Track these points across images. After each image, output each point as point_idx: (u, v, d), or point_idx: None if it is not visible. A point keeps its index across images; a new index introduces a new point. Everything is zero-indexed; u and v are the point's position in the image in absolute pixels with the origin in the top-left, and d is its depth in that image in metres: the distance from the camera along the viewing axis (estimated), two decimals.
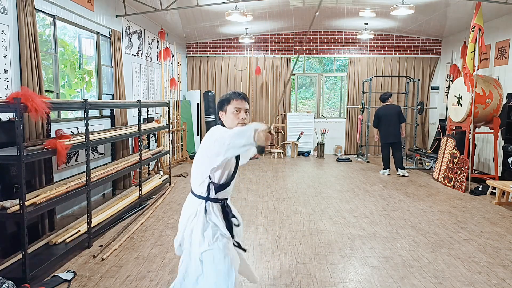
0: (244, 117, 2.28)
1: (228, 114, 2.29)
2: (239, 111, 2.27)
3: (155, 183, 6.02)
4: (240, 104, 2.28)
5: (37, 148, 3.18)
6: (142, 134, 5.48)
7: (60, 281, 3.08)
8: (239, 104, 2.28)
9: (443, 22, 8.58)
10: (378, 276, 3.26)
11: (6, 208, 2.93)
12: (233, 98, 2.29)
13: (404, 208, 5.34)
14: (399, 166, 7.63)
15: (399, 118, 7.61)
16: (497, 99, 6.43)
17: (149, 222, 4.62)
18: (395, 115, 7.59)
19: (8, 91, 3.87)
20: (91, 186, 3.89)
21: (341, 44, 10.34)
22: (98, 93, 5.96)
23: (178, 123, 8.60)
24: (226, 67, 10.51)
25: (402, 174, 7.56)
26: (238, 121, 2.27)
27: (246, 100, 2.32)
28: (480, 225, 4.65)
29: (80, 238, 3.74)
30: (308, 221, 4.69)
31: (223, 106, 2.31)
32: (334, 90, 12.31)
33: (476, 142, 7.45)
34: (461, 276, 3.29)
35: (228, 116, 2.29)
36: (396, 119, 7.60)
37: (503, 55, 7.14)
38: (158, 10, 6.55)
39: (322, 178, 7.36)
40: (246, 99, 2.34)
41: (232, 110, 2.27)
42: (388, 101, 7.80)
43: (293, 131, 10.12)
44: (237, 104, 2.27)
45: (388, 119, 7.62)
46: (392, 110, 7.67)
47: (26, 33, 4.01)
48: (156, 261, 3.51)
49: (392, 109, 7.68)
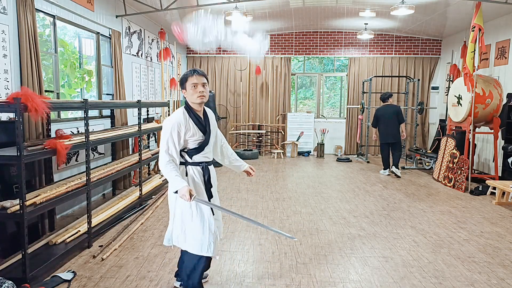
0: (202, 90, 2.57)
1: (188, 90, 2.59)
2: (196, 86, 2.56)
3: (155, 183, 6.03)
4: (196, 79, 2.56)
5: (37, 148, 3.19)
6: (142, 134, 5.48)
7: (60, 281, 3.08)
8: (195, 79, 2.56)
9: (443, 22, 8.58)
10: (378, 276, 3.26)
11: (6, 208, 2.93)
12: (189, 75, 2.58)
13: (404, 208, 5.33)
14: (394, 164, 7.54)
15: (398, 118, 7.55)
16: (497, 99, 6.43)
17: (149, 222, 4.62)
18: (394, 115, 7.53)
19: (8, 91, 3.87)
20: (91, 186, 3.89)
21: (341, 44, 10.34)
22: (98, 93, 5.96)
23: None
24: (226, 67, 10.51)
25: (395, 173, 7.42)
26: (197, 94, 2.57)
27: (202, 75, 2.60)
28: (480, 225, 4.65)
29: (80, 238, 3.74)
30: (308, 221, 4.69)
31: (183, 84, 2.61)
32: (334, 90, 12.31)
33: (476, 142, 7.45)
34: (461, 276, 3.29)
35: (188, 91, 2.59)
36: (395, 119, 7.54)
37: (503, 55, 7.14)
38: (158, 10, 6.55)
39: (322, 178, 7.36)
40: (203, 74, 2.61)
41: (190, 86, 2.57)
42: (388, 101, 7.73)
43: (293, 131, 10.12)
44: (193, 80, 2.56)
45: (387, 119, 7.56)
46: (390, 110, 7.60)
47: (26, 33, 4.01)
48: (156, 261, 3.51)
49: (390, 109, 7.61)
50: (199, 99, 2.58)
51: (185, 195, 2.40)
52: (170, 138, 2.52)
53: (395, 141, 7.59)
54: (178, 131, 2.53)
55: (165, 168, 2.49)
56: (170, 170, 2.47)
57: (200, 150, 2.65)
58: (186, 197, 2.40)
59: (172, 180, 2.46)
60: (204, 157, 2.69)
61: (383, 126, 7.63)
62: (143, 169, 6.49)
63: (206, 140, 2.66)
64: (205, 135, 2.65)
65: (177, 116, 2.57)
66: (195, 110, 2.64)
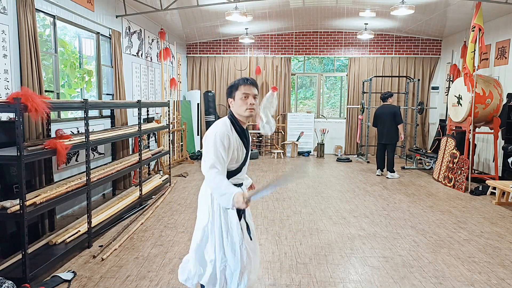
0: (253, 103, 2.28)
1: (237, 100, 2.29)
2: (247, 96, 2.27)
3: (155, 183, 6.02)
4: (248, 89, 2.28)
5: (37, 148, 3.18)
6: (142, 134, 5.48)
7: (60, 281, 3.08)
8: (247, 89, 2.27)
9: (443, 22, 8.58)
10: (378, 276, 3.26)
11: (6, 208, 2.93)
12: (241, 84, 2.29)
13: (404, 208, 5.33)
14: (388, 169, 7.41)
15: (394, 119, 7.33)
16: (497, 99, 6.43)
17: (149, 222, 4.62)
18: (391, 116, 7.34)
19: (8, 91, 3.87)
20: (91, 186, 3.89)
21: (341, 44, 10.34)
22: (98, 93, 5.96)
23: (178, 123, 8.60)
24: (226, 67, 10.51)
25: (392, 177, 7.33)
26: (246, 106, 2.28)
27: (254, 86, 2.31)
28: (480, 225, 4.65)
29: (80, 238, 3.74)
30: (308, 221, 4.69)
31: (232, 93, 2.31)
32: (334, 90, 12.32)
33: (476, 142, 7.45)
34: (461, 276, 3.29)
35: (237, 102, 2.29)
36: (391, 120, 7.34)
37: (503, 55, 7.14)
38: (158, 10, 6.55)
39: (322, 178, 7.36)
40: (255, 84, 2.32)
41: (240, 96, 2.28)
42: (387, 101, 7.59)
43: (293, 131, 10.12)
44: (245, 90, 2.27)
45: (383, 119, 7.43)
46: (388, 110, 7.43)
47: (26, 33, 4.01)
48: (156, 261, 3.51)
49: (388, 109, 7.44)
50: (248, 111, 2.28)
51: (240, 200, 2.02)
52: (218, 150, 2.16)
53: (389, 142, 7.43)
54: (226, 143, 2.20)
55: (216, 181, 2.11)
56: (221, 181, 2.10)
57: (239, 170, 2.36)
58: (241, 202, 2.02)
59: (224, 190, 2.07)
60: (239, 179, 2.39)
61: (380, 126, 7.54)
62: (143, 169, 6.49)
63: (246, 157, 2.39)
64: (247, 151, 2.38)
65: (223, 127, 2.25)
66: (241, 122, 2.34)
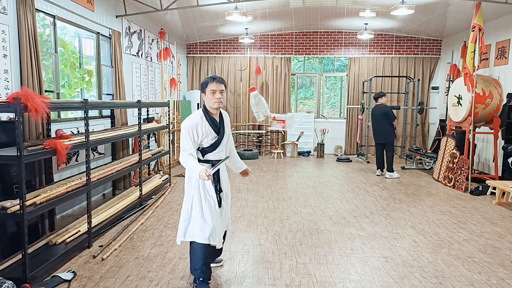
0: (219, 97, 2.85)
1: (207, 94, 2.86)
2: (215, 92, 2.84)
3: (155, 183, 6.02)
4: (216, 86, 2.83)
5: (37, 148, 3.18)
6: (142, 134, 5.48)
7: (60, 281, 3.08)
8: (215, 86, 2.83)
9: (443, 22, 8.58)
10: (378, 276, 3.26)
11: (6, 208, 2.93)
12: (210, 82, 2.85)
13: (404, 208, 5.33)
14: (387, 168, 7.43)
15: (387, 119, 7.34)
16: (497, 99, 6.43)
17: (149, 222, 4.62)
18: (382, 116, 7.36)
19: (8, 91, 3.87)
20: (91, 186, 3.89)
21: (341, 44, 10.33)
22: (98, 93, 5.96)
23: (178, 123, 8.60)
24: (226, 67, 10.51)
25: (390, 177, 7.34)
26: (214, 100, 2.85)
27: (221, 83, 2.87)
28: (480, 225, 4.65)
29: (80, 238, 3.74)
30: (308, 221, 4.69)
31: (203, 89, 2.88)
32: (334, 90, 12.31)
33: (476, 142, 7.45)
34: (461, 276, 3.29)
35: (207, 96, 2.86)
36: (383, 120, 7.36)
37: (503, 55, 7.14)
38: (158, 10, 6.55)
39: (322, 178, 7.36)
40: (222, 81, 2.88)
41: (209, 91, 2.84)
42: (378, 101, 7.58)
43: (293, 131, 10.11)
44: (213, 87, 2.83)
45: (376, 119, 7.49)
46: (379, 110, 7.46)
47: (26, 33, 4.01)
48: (156, 261, 3.51)
49: (379, 110, 7.46)
50: (216, 104, 2.86)
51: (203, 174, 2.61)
52: (188, 137, 2.80)
53: (385, 142, 7.46)
54: (195, 131, 2.83)
55: (185, 160, 2.76)
56: (188, 161, 2.74)
57: (213, 149, 2.94)
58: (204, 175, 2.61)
59: (191, 166, 2.72)
60: (217, 155, 2.97)
61: (374, 126, 7.59)
62: (143, 169, 6.49)
63: (219, 140, 2.95)
64: (219, 135, 2.94)
65: (195, 117, 2.87)
66: (211, 113, 2.92)
